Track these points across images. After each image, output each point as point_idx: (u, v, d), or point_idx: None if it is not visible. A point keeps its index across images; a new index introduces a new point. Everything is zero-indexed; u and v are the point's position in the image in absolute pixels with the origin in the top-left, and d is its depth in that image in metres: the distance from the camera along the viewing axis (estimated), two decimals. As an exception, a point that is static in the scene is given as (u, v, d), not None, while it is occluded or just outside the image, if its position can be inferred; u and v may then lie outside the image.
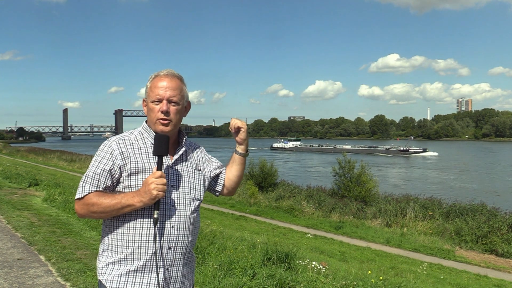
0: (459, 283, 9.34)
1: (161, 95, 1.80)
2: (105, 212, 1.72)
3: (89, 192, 1.73)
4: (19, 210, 8.53)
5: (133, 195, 1.69)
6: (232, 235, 7.78)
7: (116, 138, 1.85)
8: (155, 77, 1.84)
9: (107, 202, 1.69)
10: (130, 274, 1.76)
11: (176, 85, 1.83)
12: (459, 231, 14.88)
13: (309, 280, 4.65)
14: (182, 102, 1.86)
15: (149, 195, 1.66)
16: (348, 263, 9.37)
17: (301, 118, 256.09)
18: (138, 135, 1.87)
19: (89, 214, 1.74)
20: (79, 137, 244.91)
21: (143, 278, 1.75)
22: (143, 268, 1.75)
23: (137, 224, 1.75)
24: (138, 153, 1.81)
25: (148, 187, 1.66)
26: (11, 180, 14.13)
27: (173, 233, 1.78)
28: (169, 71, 1.86)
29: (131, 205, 1.69)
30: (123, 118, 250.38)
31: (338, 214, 17.81)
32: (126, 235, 1.76)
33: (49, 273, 4.67)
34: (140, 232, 1.75)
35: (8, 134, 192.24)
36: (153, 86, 1.83)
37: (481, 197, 21.67)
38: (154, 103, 1.81)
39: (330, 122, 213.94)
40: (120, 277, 1.76)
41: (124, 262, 1.76)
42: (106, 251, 1.82)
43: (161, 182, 1.67)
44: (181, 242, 1.81)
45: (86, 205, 1.73)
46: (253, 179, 22.99)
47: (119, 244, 1.77)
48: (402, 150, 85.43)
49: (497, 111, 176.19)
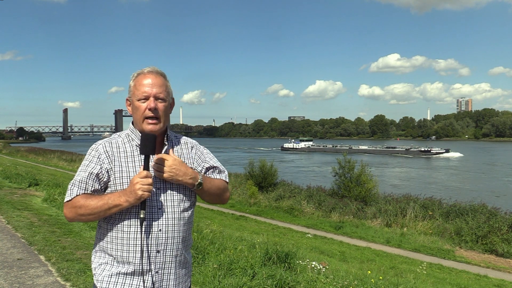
0: (459, 283, 9.33)
1: (148, 92, 1.77)
2: (93, 214, 1.70)
3: (77, 194, 1.72)
4: (19, 210, 8.53)
5: (119, 195, 1.69)
6: (232, 235, 7.77)
7: (103, 141, 1.84)
8: (138, 75, 1.82)
9: (94, 203, 1.69)
10: (120, 275, 1.75)
11: (161, 81, 1.81)
12: (459, 231, 14.86)
13: (309, 280, 4.65)
14: (168, 98, 1.84)
15: (135, 195, 1.65)
16: (348, 263, 9.37)
17: (301, 118, 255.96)
18: (125, 137, 1.86)
19: (77, 217, 1.73)
20: (79, 137, 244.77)
21: (133, 280, 1.75)
22: (133, 270, 1.74)
23: (124, 226, 1.74)
24: (123, 156, 1.79)
25: (134, 187, 1.65)
26: (11, 180, 14.14)
27: (161, 236, 1.75)
28: (153, 68, 1.84)
29: (118, 205, 1.68)
30: (123, 118, 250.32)
31: (338, 214, 17.81)
32: (115, 238, 1.75)
33: (49, 273, 4.67)
34: (128, 235, 1.73)
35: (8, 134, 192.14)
36: (137, 84, 1.80)
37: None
38: (140, 101, 1.78)
39: (330, 122, 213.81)
40: (110, 278, 1.76)
41: (114, 264, 1.76)
42: (98, 251, 1.83)
43: (147, 182, 1.65)
44: (171, 245, 1.77)
45: (73, 208, 1.72)
46: (253, 179, 22.98)
47: (109, 246, 1.77)
48: (424, 151, 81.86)
49: (497, 111, 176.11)
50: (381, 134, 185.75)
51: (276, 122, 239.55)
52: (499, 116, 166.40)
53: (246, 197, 21.46)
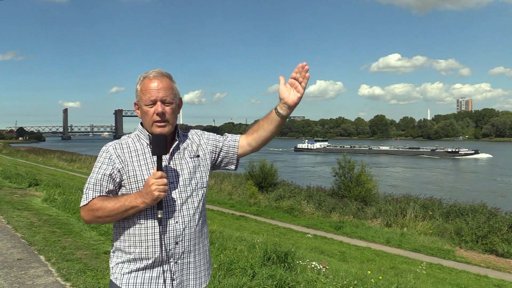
0: (459, 283, 9.33)
1: (154, 97, 1.78)
2: (110, 216, 1.74)
3: (93, 198, 1.76)
4: (19, 210, 8.52)
5: (136, 197, 1.71)
6: (232, 235, 7.77)
7: (113, 143, 1.87)
8: (144, 79, 1.82)
9: (111, 205, 1.72)
10: (140, 270, 1.79)
11: (167, 84, 1.82)
12: (459, 231, 14.86)
13: (309, 280, 4.65)
14: (175, 100, 1.85)
15: (151, 196, 1.67)
16: (348, 263, 9.37)
17: (301, 118, 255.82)
18: (134, 137, 1.88)
19: (95, 219, 1.77)
20: (79, 137, 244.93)
21: (152, 272, 1.79)
22: (152, 264, 1.78)
23: (142, 225, 1.78)
24: (134, 156, 1.82)
25: (150, 188, 1.67)
26: (11, 180, 14.13)
27: (178, 228, 1.79)
28: (158, 71, 1.84)
29: (135, 206, 1.71)
30: (123, 118, 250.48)
31: (338, 214, 17.81)
32: (133, 236, 1.79)
33: (49, 273, 4.67)
34: (145, 232, 1.77)
35: (8, 134, 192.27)
36: (144, 89, 1.80)
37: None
38: (148, 106, 1.79)
39: (330, 122, 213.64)
40: (130, 274, 1.80)
41: (133, 261, 1.80)
42: (116, 251, 1.86)
43: (162, 183, 1.67)
44: (188, 235, 1.82)
45: (91, 211, 1.75)
46: (253, 179, 22.97)
47: (127, 245, 1.81)
48: (451, 152, 77.42)
49: (497, 111, 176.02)
50: (381, 134, 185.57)
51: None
52: (499, 116, 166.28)
53: (246, 197, 21.47)
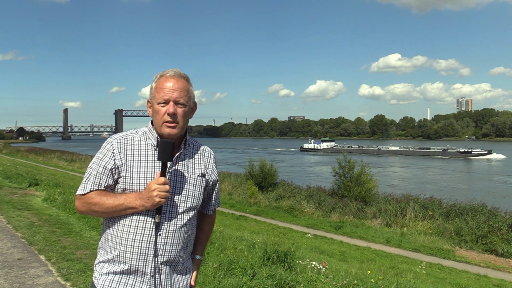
0: (459, 283, 9.33)
1: (168, 97, 1.73)
2: (107, 212, 1.72)
3: (91, 190, 1.73)
4: (19, 210, 8.52)
5: (136, 198, 1.69)
6: (232, 235, 7.78)
7: (118, 136, 1.81)
8: (160, 77, 1.77)
9: (110, 202, 1.69)
10: (117, 274, 1.76)
11: (183, 85, 1.76)
12: (459, 231, 14.87)
13: (309, 280, 4.65)
14: (189, 103, 1.79)
15: (151, 201, 1.65)
16: (348, 263, 9.37)
17: (301, 118, 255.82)
18: (142, 135, 1.82)
19: (90, 212, 1.75)
20: (79, 137, 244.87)
21: (128, 279, 1.75)
22: (128, 271, 1.75)
23: (125, 226, 1.74)
24: (137, 154, 1.77)
25: (151, 193, 1.65)
26: (11, 180, 14.13)
27: (160, 241, 1.73)
28: (175, 71, 1.79)
29: (133, 207, 1.69)
30: (123, 118, 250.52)
31: (338, 214, 17.81)
32: (115, 237, 1.76)
33: (49, 273, 4.67)
34: (127, 235, 1.73)
35: (8, 134, 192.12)
36: (158, 87, 1.75)
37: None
38: (160, 105, 1.74)
39: (330, 122, 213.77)
40: (107, 275, 1.77)
41: (112, 263, 1.77)
42: (100, 249, 1.84)
43: (164, 189, 1.65)
44: (169, 252, 1.76)
45: (87, 204, 1.73)
46: (253, 179, 22.97)
47: (109, 245, 1.78)
48: (463, 152, 75.35)
49: (497, 111, 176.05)
50: (381, 134, 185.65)
51: (276, 122, 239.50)
52: (499, 116, 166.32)
53: (246, 197, 21.45)
